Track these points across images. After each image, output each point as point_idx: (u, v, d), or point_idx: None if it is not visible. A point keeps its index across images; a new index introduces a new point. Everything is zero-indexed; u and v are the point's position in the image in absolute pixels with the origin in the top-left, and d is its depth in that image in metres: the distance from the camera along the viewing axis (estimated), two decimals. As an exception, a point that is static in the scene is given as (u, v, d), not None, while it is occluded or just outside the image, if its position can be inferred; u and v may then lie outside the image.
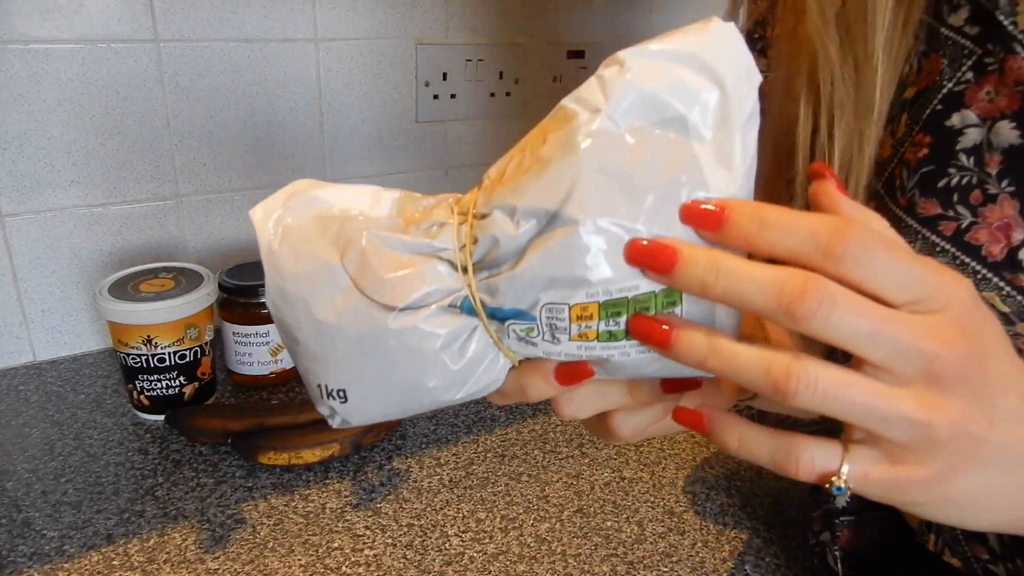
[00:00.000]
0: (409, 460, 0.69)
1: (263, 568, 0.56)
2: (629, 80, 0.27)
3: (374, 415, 0.33)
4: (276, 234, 0.31)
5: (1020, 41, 0.37)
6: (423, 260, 0.30)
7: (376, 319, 0.30)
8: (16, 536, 0.59)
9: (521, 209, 0.28)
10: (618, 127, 0.27)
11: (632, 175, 0.27)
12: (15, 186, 0.79)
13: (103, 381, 0.82)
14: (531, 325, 0.29)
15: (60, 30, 0.77)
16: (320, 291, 0.30)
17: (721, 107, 0.27)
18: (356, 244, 0.30)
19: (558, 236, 0.27)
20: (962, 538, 0.44)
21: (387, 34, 0.95)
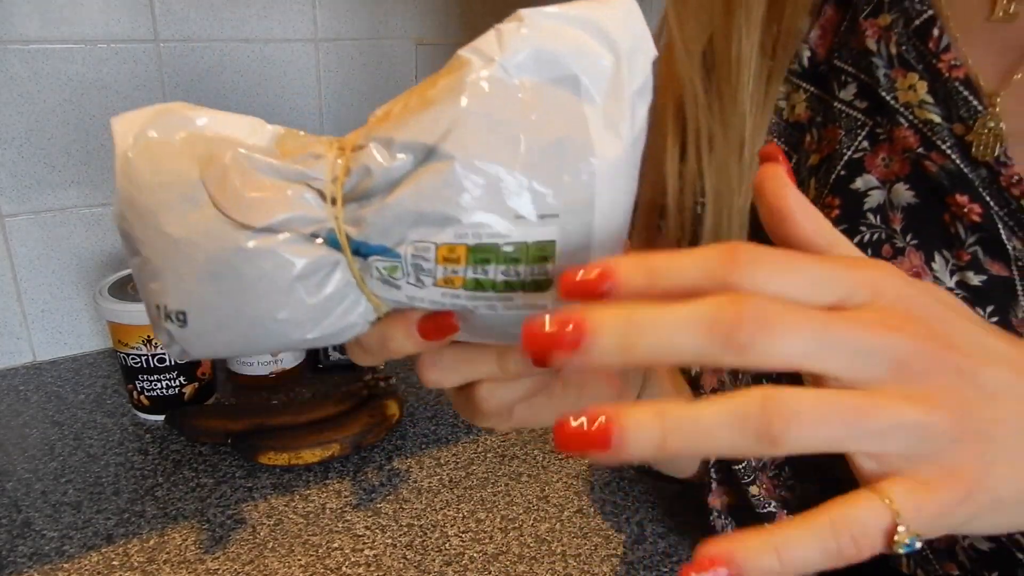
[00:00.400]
0: (409, 460, 0.69)
1: (263, 568, 0.56)
2: (526, 35, 0.27)
3: (215, 346, 0.30)
4: (136, 144, 0.29)
5: (902, 114, 0.40)
6: (291, 185, 0.28)
7: (230, 238, 0.28)
8: (16, 536, 0.59)
9: (398, 142, 0.27)
10: (510, 77, 0.27)
11: (517, 124, 0.27)
12: (15, 186, 0.79)
13: (103, 381, 0.82)
14: (395, 263, 0.28)
15: (60, 30, 0.77)
16: (173, 204, 0.28)
17: (614, 74, 0.27)
18: (220, 160, 0.28)
19: (432, 170, 0.27)
20: (932, 557, 0.45)
21: (387, 34, 0.95)
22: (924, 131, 0.40)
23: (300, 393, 0.81)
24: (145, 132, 0.29)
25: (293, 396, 0.80)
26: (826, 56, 0.43)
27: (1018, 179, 0.38)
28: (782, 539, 0.22)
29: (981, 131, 0.38)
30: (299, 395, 0.80)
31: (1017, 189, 0.38)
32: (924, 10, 0.39)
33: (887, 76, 0.41)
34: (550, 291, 0.28)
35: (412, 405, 0.78)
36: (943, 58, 0.39)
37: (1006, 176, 0.38)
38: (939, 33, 0.39)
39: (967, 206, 0.39)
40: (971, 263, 0.39)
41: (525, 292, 0.28)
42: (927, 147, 0.40)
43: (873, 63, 0.41)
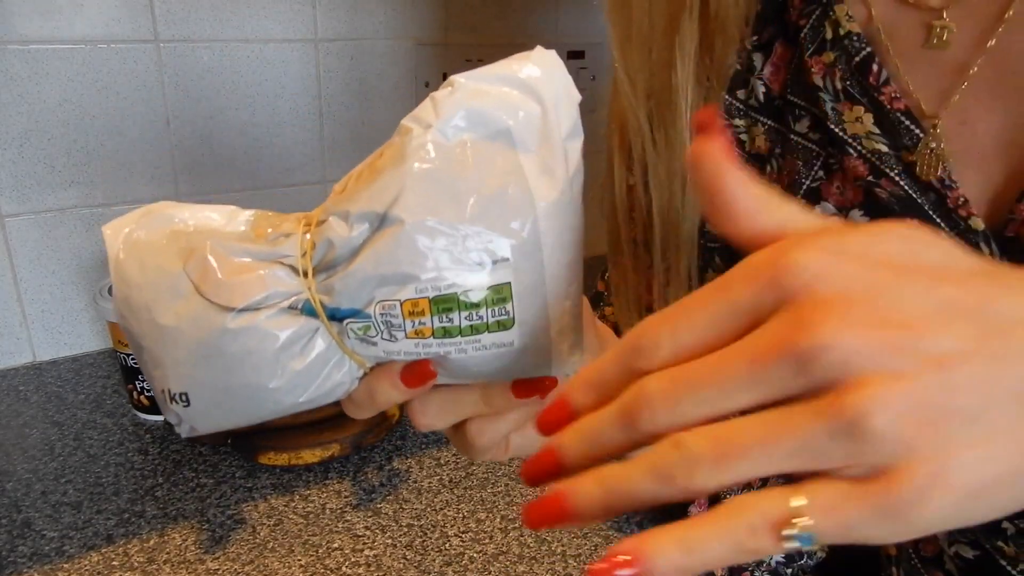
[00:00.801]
0: (409, 460, 0.69)
1: (263, 568, 0.56)
2: (458, 99, 0.30)
3: (219, 420, 0.33)
4: (124, 246, 0.32)
5: (851, 145, 0.42)
6: (265, 265, 0.31)
7: (215, 321, 0.30)
8: (16, 536, 0.59)
9: (354, 213, 0.30)
10: (448, 139, 0.29)
11: (460, 180, 0.29)
12: (15, 186, 0.79)
13: (103, 381, 0.82)
14: (367, 323, 0.31)
15: (60, 30, 0.77)
16: (162, 297, 0.31)
17: (543, 122, 0.30)
18: (199, 252, 0.31)
19: (387, 235, 0.29)
20: (920, 566, 0.45)
21: (387, 34, 0.96)
22: (873, 160, 0.42)
23: (300, 393, 0.81)
24: (131, 235, 0.32)
25: (293, 396, 0.80)
26: (780, 91, 0.46)
27: (963, 200, 0.39)
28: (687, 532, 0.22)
29: (924, 151, 0.41)
30: (299, 395, 0.80)
31: (963, 210, 0.39)
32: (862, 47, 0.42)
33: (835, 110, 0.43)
34: (513, 328, 0.30)
35: (412, 405, 0.78)
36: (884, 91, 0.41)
37: (952, 198, 0.40)
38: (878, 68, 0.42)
39: None
40: None
41: (490, 332, 0.30)
42: (876, 175, 0.41)
43: (821, 98, 0.43)
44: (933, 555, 0.45)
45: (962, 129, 0.41)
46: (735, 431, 0.21)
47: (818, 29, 0.43)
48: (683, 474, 0.22)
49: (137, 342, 0.33)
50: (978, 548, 0.42)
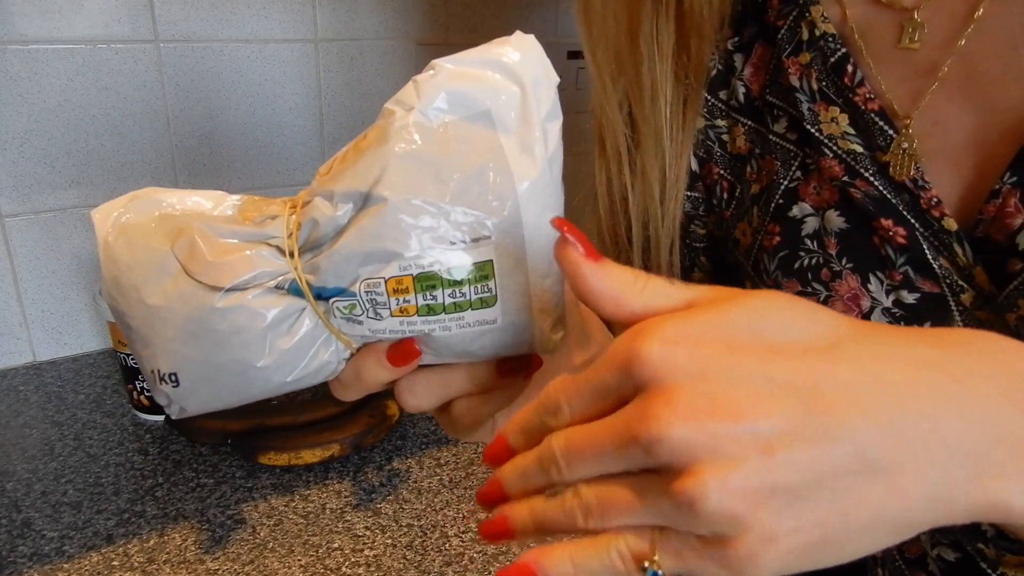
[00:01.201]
0: (409, 461, 0.69)
1: (263, 568, 0.56)
2: (439, 81, 0.30)
3: (208, 400, 0.34)
4: (113, 229, 0.32)
5: (827, 145, 0.43)
6: (251, 246, 0.31)
7: (203, 300, 0.31)
8: (16, 536, 0.59)
9: (338, 193, 0.30)
10: (429, 121, 0.30)
11: (442, 160, 0.30)
12: (15, 186, 0.79)
13: (103, 381, 0.82)
14: (353, 301, 0.31)
15: (60, 30, 0.77)
16: (150, 277, 0.32)
17: (522, 103, 0.30)
18: (187, 232, 0.31)
19: (371, 213, 0.30)
20: (904, 568, 0.46)
21: (387, 34, 0.96)
22: (848, 160, 0.42)
23: (300, 393, 0.81)
24: (120, 218, 0.33)
25: (293, 396, 0.80)
26: (759, 92, 0.46)
27: (936, 201, 0.40)
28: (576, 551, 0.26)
29: (896, 151, 0.41)
30: (299, 395, 0.80)
31: (936, 211, 0.40)
32: (838, 48, 0.43)
33: (811, 110, 0.43)
34: (496, 306, 0.31)
35: (412, 405, 0.78)
36: (859, 92, 0.42)
37: (925, 199, 0.40)
38: (853, 69, 0.42)
39: (892, 229, 0.41)
40: (904, 283, 0.41)
41: (473, 310, 0.31)
42: (851, 175, 0.42)
43: (798, 98, 0.43)
44: (917, 556, 0.45)
45: (935, 129, 0.41)
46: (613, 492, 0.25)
47: (795, 30, 0.44)
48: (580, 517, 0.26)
49: (126, 323, 0.33)
50: (959, 550, 0.42)
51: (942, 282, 0.40)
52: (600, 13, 0.48)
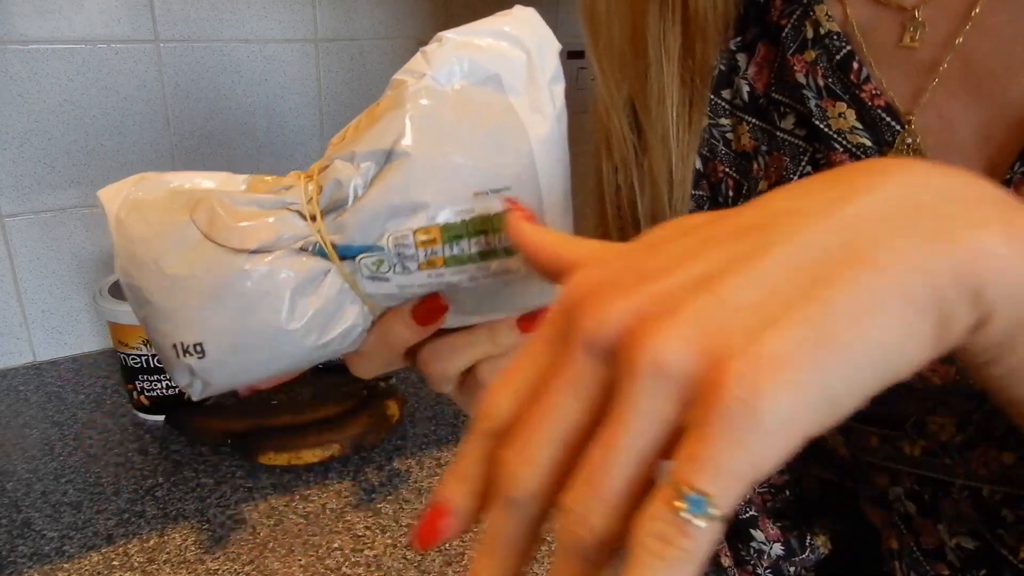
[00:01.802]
0: (409, 461, 0.69)
1: (263, 568, 0.56)
2: (447, 50, 0.32)
3: (235, 371, 0.32)
4: (125, 205, 0.32)
5: (837, 140, 0.43)
6: (272, 213, 0.32)
7: (229, 263, 0.31)
8: (16, 536, 0.59)
9: (360, 153, 0.31)
10: (441, 85, 0.31)
11: (456, 119, 0.31)
12: (15, 186, 0.79)
13: (103, 381, 0.82)
14: (380, 257, 0.31)
15: (60, 30, 0.77)
16: (170, 248, 0.31)
17: (528, 67, 0.32)
18: (206, 202, 0.32)
19: (395, 168, 0.31)
20: (922, 559, 0.46)
21: (387, 34, 0.96)
22: (858, 154, 0.43)
23: (300, 393, 0.81)
24: (131, 195, 0.32)
25: (293, 396, 0.80)
26: (764, 90, 0.47)
27: None
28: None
29: (901, 147, 0.42)
30: (299, 395, 0.80)
31: None
32: (843, 46, 0.43)
33: (818, 106, 0.44)
34: (518, 255, 0.31)
35: (412, 405, 0.78)
36: (865, 88, 0.43)
37: None
38: (858, 66, 0.43)
39: None
40: None
41: (498, 259, 0.32)
42: None
43: (805, 95, 0.44)
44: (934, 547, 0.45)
45: (941, 124, 0.42)
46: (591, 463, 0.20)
47: (799, 28, 0.44)
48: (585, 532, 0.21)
49: (144, 298, 0.32)
50: (979, 538, 0.43)
51: None
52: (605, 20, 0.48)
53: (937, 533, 0.45)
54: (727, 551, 0.54)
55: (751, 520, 0.52)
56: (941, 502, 0.45)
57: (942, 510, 0.45)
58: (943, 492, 0.44)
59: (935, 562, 0.45)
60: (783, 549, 0.52)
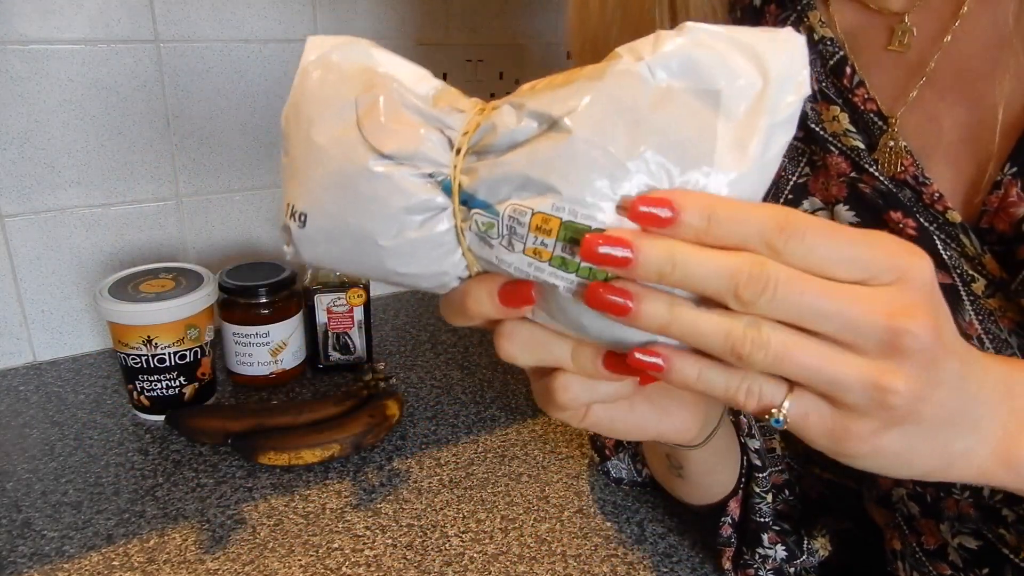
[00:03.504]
0: (409, 461, 0.69)
1: (263, 568, 0.56)
2: (681, 43, 0.28)
3: (322, 255, 0.33)
4: (317, 60, 0.32)
5: (831, 142, 0.44)
6: (427, 127, 0.30)
7: (359, 156, 0.30)
8: (16, 536, 0.59)
9: (528, 109, 0.29)
10: (653, 78, 0.28)
11: (644, 119, 0.27)
12: (15, 186, 0.79)
13: (103, 381, 0.82)
14: (493, 221, 0.30)
15: (60, 30, 0.77)
16: (326, 116, 0.31)
17: (758, 98, 0.27)
18: (376, 90, 0.31)
19: (550, 139, 0.28)
20: (924, 559, 0.47)
21: (387, 34, 0.95)
22: (853, 157, 0.43)
23: (300, 393, 0.81)
24: (328, 54, 0.32)
25: (293, 396, 0.80)
26: None
27: (938, 195, 0.41)
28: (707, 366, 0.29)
29: (883, 149, 0.42)
30: (299, 395, 0.80)
31: (940, 205, 0.41)
32: (836, 51, 0.44)
33: (814, 109, 0.45)
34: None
35: (412, 405, 0.78)
36: (858, 92, 0.43)
37: (927, 194, 0.41)
38: (851, 71, 0.43)
39: (902, 221, 0.42)
40: None
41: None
42: (858, 171, 0.43)
43: None
44: (936, 547, 0.45)
45: (929, 126, 0.42)
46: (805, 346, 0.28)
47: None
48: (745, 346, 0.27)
49: (287, 148, 0.33)
50: (981, 538, 0.43)
51: (952, 272, 0.41)
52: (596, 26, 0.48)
53: (939, 533, 0.45)
54: (730, 555, 0.54)
55: (763, 525, 0.52)
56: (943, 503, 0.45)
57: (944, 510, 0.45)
58: (945, 493, 0.44)
59: (937, 562, 0.45)
60: (785, 551, 0.53)
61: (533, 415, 0.77)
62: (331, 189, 0.31)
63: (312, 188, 0.32)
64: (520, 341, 0.33)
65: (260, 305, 0.78)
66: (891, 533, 0.50)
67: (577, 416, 0.36)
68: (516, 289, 0.31)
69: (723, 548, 0.54)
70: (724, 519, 0.53)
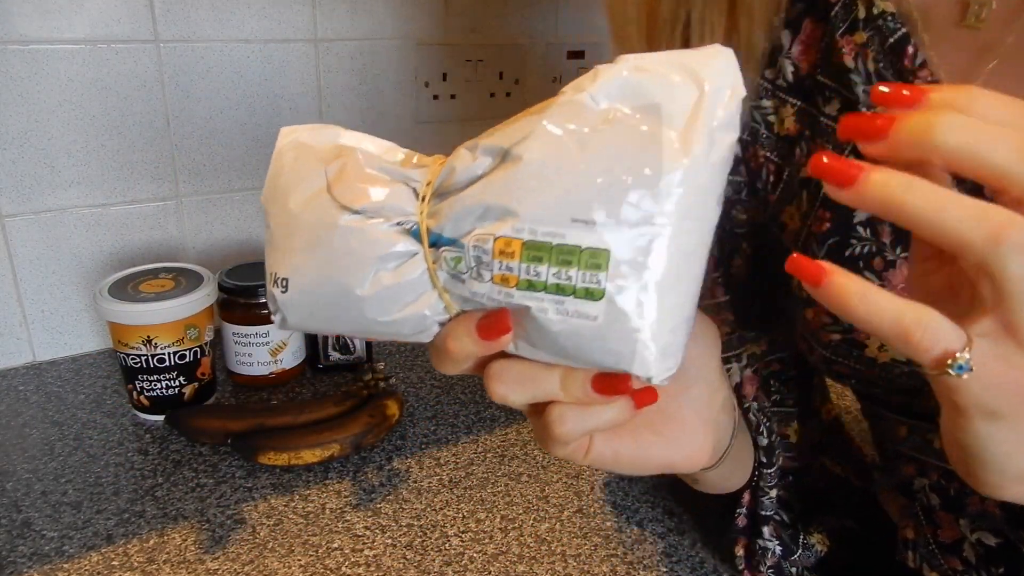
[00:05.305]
0: (409, 460, 0.69)
1: (263, 568, 0.56)
2: (618, 69, 0.29)
3: (305, 316, 0.35)
4: (290, 143, 0.35)
5: None
6: (393, 183, 0.33)
7: (331, 215, 0.32)
8: (16, 536, 0.59)
9: (482, 146, 0.31)
10: (596, 104, 0.29)
11: (591, 139, 0.29)
12: (15, 186, 0.79)
13: (103, 381, 0.82)
14: (460, 254, 0.31)
15: (60, 30, 0.77)
16: (300, 186, 0.34)
17: (696, 105, 0.28)
18: (344, 156, 0.33)
19: (504, 168, 0.30)
20: (937, 552, 0.46)
21: (387, 34, 0.96)
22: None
23: (300, 393, 0.81)
24: (300, 137, 0.35)
25: (293, 396, 0.80)
26: (809, 70, 0.44)
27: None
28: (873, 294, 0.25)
29: None
30: (299, 395, 0.80)
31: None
32: (898, 28, 0.40)
33: (866, 92, 0.41)
34: (601, 302, 0.28)
35: (412, 405, 0.78)
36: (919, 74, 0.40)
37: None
38: (913, 51, 0.40)
39: None
40: None
41: (576, 298, 0.29)
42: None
43: (852, 80, 0.41)
44: (952, 541, 0.45)
45: None
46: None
47: (850, 7, 0.42)
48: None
49: (268, 222, 0.35)
50: (1001, 536, 0.42)
51: None
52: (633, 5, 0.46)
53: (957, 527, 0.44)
54: (744, 542, 0.54)
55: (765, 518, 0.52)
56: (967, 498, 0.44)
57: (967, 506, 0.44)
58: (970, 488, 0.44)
59: (949, 556, 0.45)
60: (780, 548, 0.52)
61: (533, 415, 0.77)
62: (308, 250, 0.33)
63: (291, 253, 0.34)
64: (509, 379, 0.33)
65: (260, 305, 0.78)
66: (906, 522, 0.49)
67: (580, 451, 0.35)
68: (492, 320, 0.31)
69: (737, 538, 0.53)
70: (739, 510, 0.52)
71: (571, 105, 0.29)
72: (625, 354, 0.30)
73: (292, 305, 0.34)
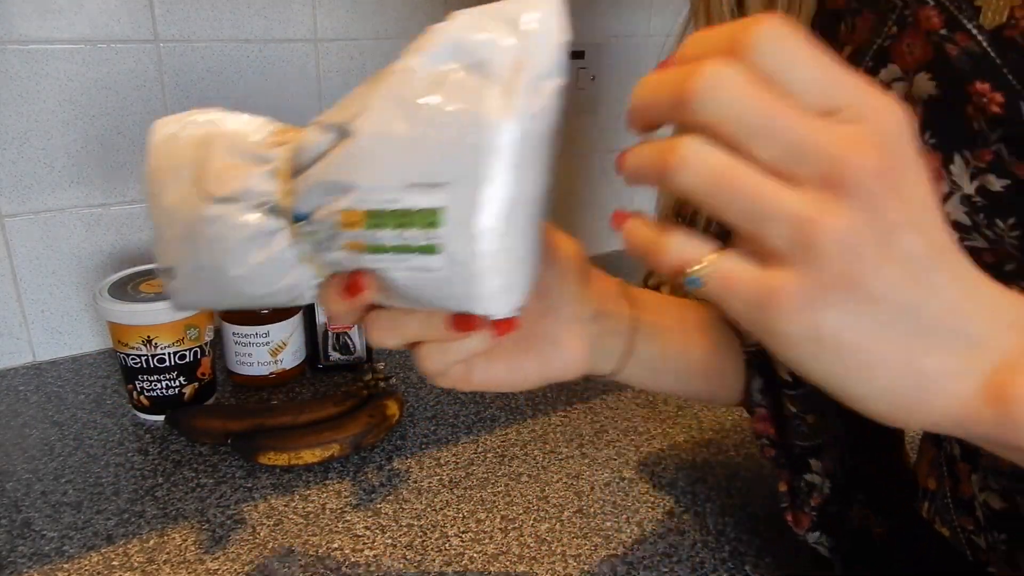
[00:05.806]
0: (409, 460, 0.69)
1: (263, 568, 0.56)
2: (447, 29, 0.31)
3: (196, 298, 0.38)
4: (163, 136, 0.37)
5: None
6: (252, 165, 0.35)
7: (198, 207, 0.35)
8: (16, 536, 0.59)
9: (324, 123, 0.33)
10: (424, 67, 0.31)
11: (422, 104, 0.30)
12: (15, 186, 0.79)
13: (103, 381, 0.82)
14: (315, 228, 0.33)
15: (60, 30, 0.77)
16: (171, 181, 0.36)
17: (516, 56, 0.30)
18: (210, 147, 0.36)
19: (342, 145, 0.32)
20: (952, 507, 0.45)
21: (387, 34, 0.96)
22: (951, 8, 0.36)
23: (300, 393, 0.81)
24: (172, 132, 0.37)
25: (293, 396, 0.80)
26: None
27: None
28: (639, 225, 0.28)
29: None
30: (299, 395, 0.80)
31: None
32: None
33: None
34: (441, 255, 0.31)
35: (412, 405, 0.78)
36: None
37: None
38: None
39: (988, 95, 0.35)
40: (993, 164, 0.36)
41: (419, 254, 0.31)
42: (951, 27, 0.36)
43: None
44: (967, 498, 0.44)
45: None
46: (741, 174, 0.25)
47: None
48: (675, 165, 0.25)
49: (151, 220, 0.38)
50: (1006, 500, 0.41)
51: None
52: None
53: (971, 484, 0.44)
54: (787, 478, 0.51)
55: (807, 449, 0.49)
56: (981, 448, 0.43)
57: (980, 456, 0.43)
58: None
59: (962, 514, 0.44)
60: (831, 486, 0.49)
61: (533, 415, 0.77)
62: (183, 242, 0.36)
63: (170, 245, 0.37)
64: (380, 326, 0.37)
65: (260, 305, 0.78)
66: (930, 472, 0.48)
67: (462, 380, 0.40)
68: (348, 281, 0.34)
69: (780, 472, 0.51)
70: (760, 440, 0.51)
71: (400, 74, 0.31)
72: (470, 297, 0.32)
73: (180, 290, 0.38)
